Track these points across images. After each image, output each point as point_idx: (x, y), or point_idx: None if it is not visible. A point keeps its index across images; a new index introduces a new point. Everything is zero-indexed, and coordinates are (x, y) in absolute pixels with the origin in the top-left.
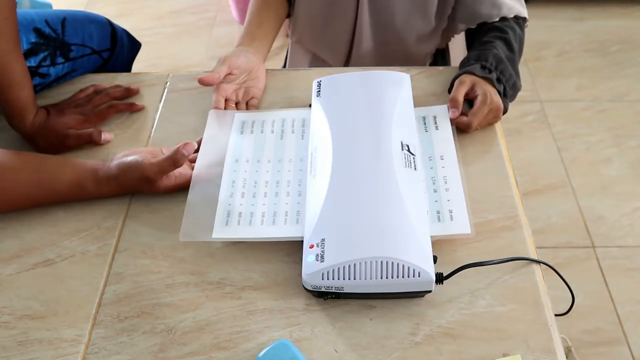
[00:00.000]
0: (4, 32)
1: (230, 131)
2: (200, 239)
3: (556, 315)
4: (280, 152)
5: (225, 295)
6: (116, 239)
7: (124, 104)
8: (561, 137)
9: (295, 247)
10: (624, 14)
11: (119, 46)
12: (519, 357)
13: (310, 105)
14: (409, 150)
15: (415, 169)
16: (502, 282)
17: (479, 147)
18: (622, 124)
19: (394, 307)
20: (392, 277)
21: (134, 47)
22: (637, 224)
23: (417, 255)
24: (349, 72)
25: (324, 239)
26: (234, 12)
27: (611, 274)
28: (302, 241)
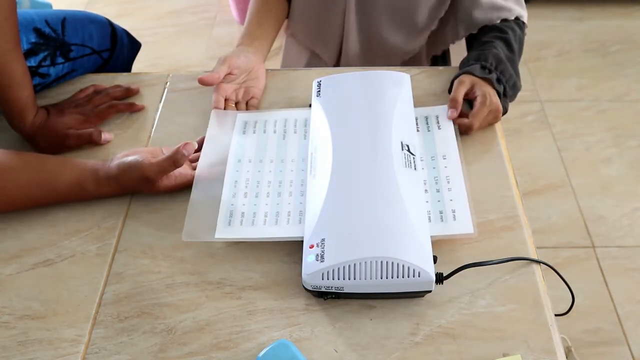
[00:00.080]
0: (4, 32)
1: (232, 131)
2: (203, 239)
3: (556, 315)
4: (282, 152)
5: (225, 295)
6: (116, 239)
7: (124, 104)
8: (561, 137)
9: (295, 247)
10: (624, 14)
11: (119, 46)
12: (519, 357)
13: (310, 105)
14: (409, 150)
15: (415, 169)
16: (502, 282)
17: (479, 147)
18: (622, 124)
19: (394, 307)
20: (392, 277)
21: (134, 47)
22: (637, 224)
23: (417, 255)
24: (349, 72)
25: (324, 239)
26: (234, 12)
27: (611, 274)
28: (302, 241)
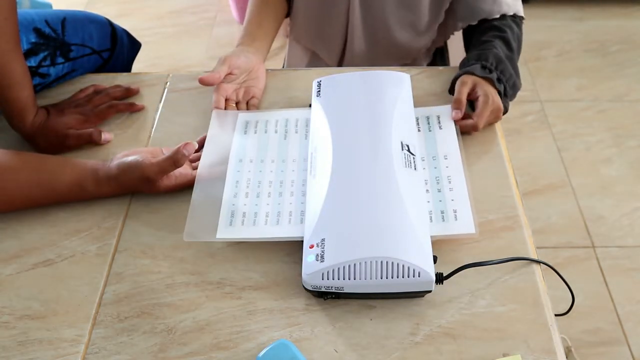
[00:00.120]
0: (4, 32)
1: (233, 131)
2: (204, 239)
3: (556, 315)
4: (283, 152)
5: (225, 295)
6: (116, 239)
7: (124, 104)
8: (561, 137)
9: (295, 247)
10: (624, 14)
11: (119, 46)
12: (519, 357)
13: (310, 105)
14: (409, 150)
15: (415, 169)
16: (502, 282)
17: (479, 147)
18: (622, 124)
19: (394, 307)
20: (392, 277)
21: (134, 47)
22: (637, 224)
23: (417, 255)
24: (349, 72)
25: (324, 239)
26: (234, 12)
27: (611, 274)
28: (302, 241)
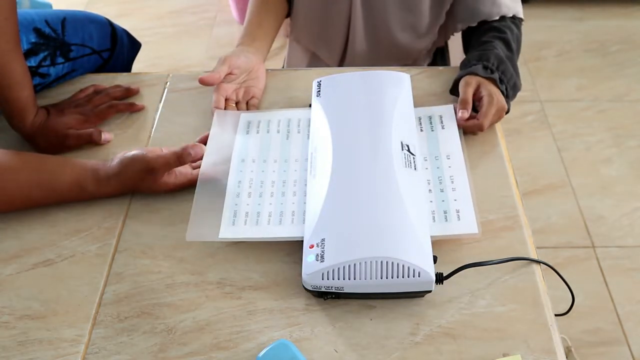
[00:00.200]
0: (4, 32)
1: (236, 131)
2: (207, 238)
3: (556, 315)
4: (286, 151)
5: (225, 295)
6: (116, 239)
7: (124, 104)
8: (561, 137)
9: (295, 247)
10: (624, 14)
11: (119, 46)
12: (519, 357)
13: (310, 105)
14: (409, 150)
15: (415, 169)
16: (502, 282)
17: (479, 147)
18: (622, 124)
19: (394, 307)
20: (392, 277)
21: (134, 47)
22: (637, 224)
23: (417, 255)
24: (349, 72)
25: (324, 239)
26: (234, 12)
27: (611, 274)
28: (302, 241)
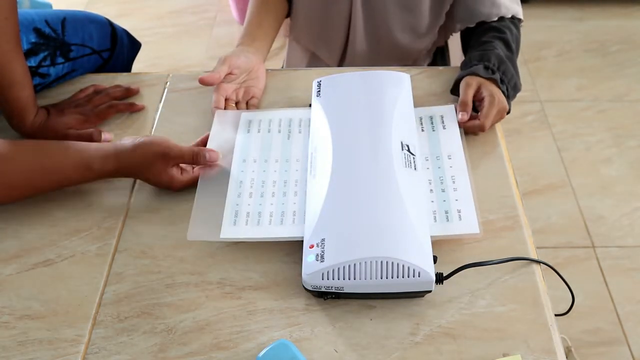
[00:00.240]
0: (5, 32)
1: (236, 130)
2: (208, 238)
3: (556, 315)
4: (287, 151)
5: (225, 295)
6: (116, 239)
7: (124, 104)
8: (561, 137)
9: (295, 247)
10: (624, 14)
11: (119, 46)
12: (519, 357)
13: (310, 105)
14: (409, 150)
15: (415, 169)
16: (502, 282)
17: (480, 147)
18: (622, 124)
19: (394, 307)
20: (392, 277)
21: (134, 47)
22: (637, 224)
23: (417, 255)
24: (349, 72)
25: (324, 239)
26: (234, 12)
27: (611, 274)
28: (302, 241)
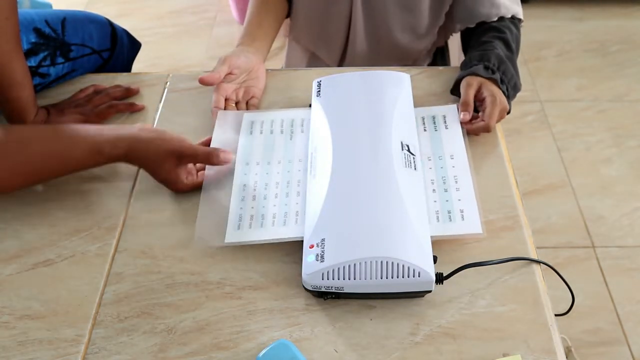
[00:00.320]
0: (5, 32)
1: (238, 131)
2: (213, 243)
3: (556, 315)
4: (290, 152)
5: (225, 295)
6: (116, 239)
7: (124, 104)
8: (561, 137)
9: (295, 247)
10: (624, 14)
11: (119, 46)
12: (519, 357)
13: (310, 105)
14: (409, 150)
15: (415, 169)
16: (502, 282)
17: (480, 147)
18: (622, 124)
19: (394, 307)
20: (392, 277)
21: (134, 47)
22: (637, 224)
23: (417, 255)
24: (349, 72)
25: (324, 239)
26: (234, 12)
27: (611, 274)
28: (302, 241)
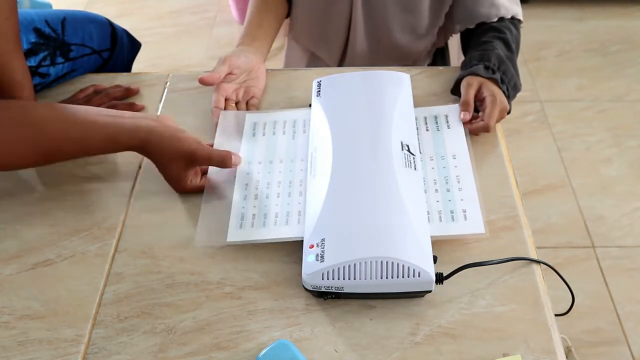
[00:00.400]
0: (5, 32)
1: (241, 132)
2: (215, 243)
3: (556, 315)
4: (292, 152)
5: (225, 295)
6: (116, 239)
7: (124, 104)
8: (561, 137)
9: (295, 247)
10: (624, 14)
11: (119, 46)
12: (519, 357)
13: (310, 105)
14: (409, 150)
15: (415, 169)
16: (502, 282)
17: (479, 147)
18: (622, 124)
19: (394, 307)
20: (392, 277)
21: (134, 47)
22: (637, 224)
23: (417, 255)
24: (349, 72)
25: (324, 239)
26: (234, 12)
27: (611, 274)
28: (302, 241)
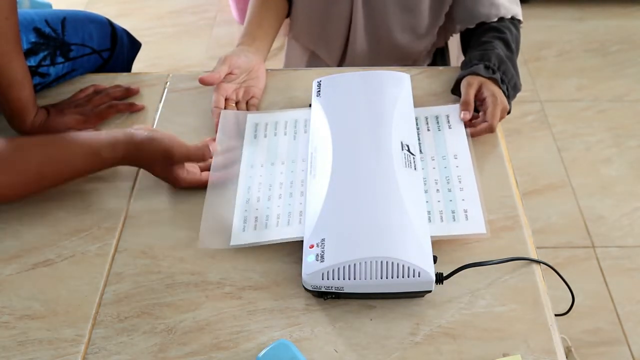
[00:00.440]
0: (5, 32)
1: (242, 132)
2: (218, 246)
3: (556, 315)
4: (293, 152)
5: (225, 295)
6: (116, 239)
7: (124, 104)
8: (561, 137)
9: (295, 247)
10: (624, 14)
11: (119, 46)
12: (519, 357)
13: (310, 105)
14: (409, 150)
15: (415, 169)
16: (502, 282)
17: (480, 147)
18: (622, 124)
19: (394, 307)
20: (392, 277)
21: (134, 47)
22: (637, 224)
23: (417, 255)
24: (349, 72)
25: (324, 239)
26: (234, 12)
27: (611, 274)
28: (302, 241)
